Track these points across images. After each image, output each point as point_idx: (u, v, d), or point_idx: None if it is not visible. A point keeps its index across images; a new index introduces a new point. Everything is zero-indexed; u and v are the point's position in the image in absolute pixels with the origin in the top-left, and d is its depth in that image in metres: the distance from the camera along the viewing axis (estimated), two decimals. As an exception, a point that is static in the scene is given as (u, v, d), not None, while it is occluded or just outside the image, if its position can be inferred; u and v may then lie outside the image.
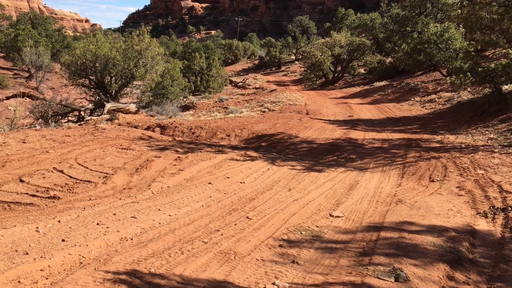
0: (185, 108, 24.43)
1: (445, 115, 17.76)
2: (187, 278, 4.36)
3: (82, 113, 19.44)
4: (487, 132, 13.25)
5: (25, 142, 10.08)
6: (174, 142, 11.93)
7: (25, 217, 5.70)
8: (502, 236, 5.79)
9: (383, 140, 13.20)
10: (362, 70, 39.54)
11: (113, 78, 20.37)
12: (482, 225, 6.19)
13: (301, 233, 5.81)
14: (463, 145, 11.63)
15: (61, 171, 7.95)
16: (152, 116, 18.93)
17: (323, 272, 4.63)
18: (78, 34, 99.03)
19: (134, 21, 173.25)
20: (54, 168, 8.11)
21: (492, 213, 6.57)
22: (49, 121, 17.70)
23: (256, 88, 35.75)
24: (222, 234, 5.57)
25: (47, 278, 4.18)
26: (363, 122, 17.51)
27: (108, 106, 18.58)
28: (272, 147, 12.35)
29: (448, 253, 5.09)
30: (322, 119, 17.73)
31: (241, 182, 8.21)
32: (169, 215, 6.12)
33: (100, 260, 4.61)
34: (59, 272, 4.31)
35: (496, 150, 10.61)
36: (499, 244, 5.52)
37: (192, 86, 29.83)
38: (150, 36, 21.24)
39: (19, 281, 4.07)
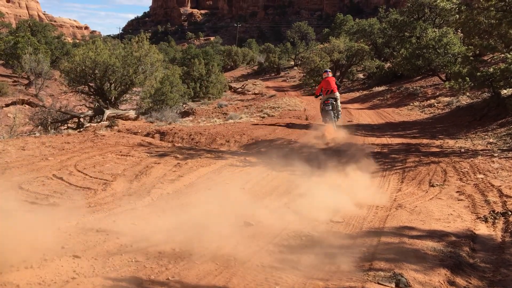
0: (185, 114, 24.45)
1: (444, 119, 17.80)
2: (187, 285, 4.35)
3: (81, 120, 19.43)
4: (486, 136, 13.25)
5: (24, 149, 10.08)
6: (174, 148, 11.93)
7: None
8: (502, 240, 5.78)
9: (383, 145, 13.20)
10: (361, 75, 39.62)
11: (113, 84, 20.38)
12: (482, 229, 6.18)
13: (301, 238, 5.80)
14: (462, 150, 11.63)
15: (61, 178, 7.94)
16: (152, 122, 18.93)
17: (324, 277, 4.62)
18: (78, 41, 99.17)
19: (133, 27, 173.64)
20: (53, 175, 8.10)
21: (492, 217, 6.57)
22: (49, 128, 17.68)
23: (255, 94, 35.80)
24: (222, 240, 5.56)
25: (47, 286, 4.16)
26: (362, 127, 17.51)
27: (108, 112, 18.58)
28: (272, 152, 12.34)
29: (449, 258, 5.08)
30: (321, 124, 17.74)
31: (240, 188, 8.20)
32: (169, 222, 6.10)
33: (99, 268, 4.59)
34: (56, 282, 4.29)
35: (496, 155, 10.62)
36: (499, 249, 5.52)
37: (191, 92, 29.87)
38: (150, 43, 21.27)
39: (18, 289, 4.06)
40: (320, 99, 15.09)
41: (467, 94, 19.94)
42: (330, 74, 15.14)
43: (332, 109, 14.45)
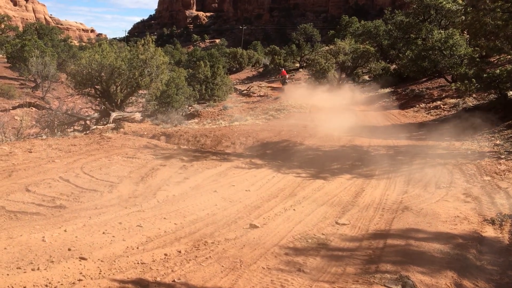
0: (190, 116, 24.49)
1: (451, 121, 17.69)
2: (193, 287, 4.36)
3: (88, 122, 19.50)
4: (493, 138, 13.18)
5: (31, 152, 10.14)
6: (180, 151, 11.96)
7: (32, 226, 5.72)
8: (510, 243, 5.75)
9: (389, 147, 13.17)
10: (366, 77, 39.52)
11: (119, 87, 20.42)
12: (489, 232, 6.14)
13: (307, 241, 5.79)
14: (469, 152, 11.57)
15: (67, 180, 7.98)
16: (157, 124, 18.99)
17: (330, 280, 4.61)
18: (84, 44, 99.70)
19: (139, 30, 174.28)
20: (60, 177, 8.14)
21: (499, 220, 6.53)
22: (55, 131, 17.76)
23: (260, 96, 35.77)
24: (228, 243, 5.57)
25: (53, 288, 4.19)
26: (368, 129, 17.47)
27: (114, 115, 18.65)
28: (277, 154, 12.37)
29: (456, 260, 5.06)
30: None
31: (246, 190, 8.21)
32: (175, 224, 6.13)
33: (105, 269, 4.61)
34: (62, 284, 4.31)
35: (503, 156, 10.56)
36: (507, 251, 5.48)
37: (197, 94, 29.87)
38: (155, 45, 21.31)
39: (25, 291, 4.08)
40: (280, 77, 37.08)
41: (473, 95, 19.83)
42: (284, 69, 38.98)
43: (285, 80, 36.00)
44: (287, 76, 37.36)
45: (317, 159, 11.75)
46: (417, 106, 23.07)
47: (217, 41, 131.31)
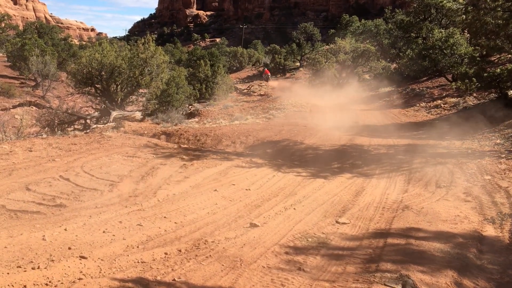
0: (191, 115, 24.46)
1: (451, 120, 17.69)
2: (193, 286, 4.36)
3: (88, 121, 19.50)
4: (493, 137, 13.17)
5: (31, 151, 10.13)
6: (180, 150, 11.96)
7: (32, 225, 5.73)
8: (510, 242, 5.75)
9: (389, 146, 13.16)
10: (367, 76, 39.51)
11: (119, 86, 20.43)
12: (489, 231, 6.14)
13: (307, 240, 5.79)
14: (469, 151, 11.57)
15: (67, 179, 7.97)
16: (158, 123, 18.98)
17: (330, 279, 4.61)
18: (84, 42, 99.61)
19: (139, 29, 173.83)
20: (60, 176, 8.14)
21: (499, 219, 6.53)
22: (56, 130, 17.77)
23: (261, 95, 35.80)
24: (228, 242, 5.57)
25: (54, 286, 4.18)
26: (368, 128, 17.46)
27: (114, 114, 18.64)
28: (278, 153, 12.36)
29: (456, 260, 5.06)
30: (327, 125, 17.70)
31: (246, 189, 8.21)
32: (175, 223, 6.13)
33: (106, 268, 4.61)
34: (63, 283, 4.31)
35: (503, 156, 10.55)
36: (507, 250, 5.48)
37: (197, 93, 29.86)
38: (155, 44, 21.33)
39: (25, 290, 4.08)
40: (264, 75, 47.32)
41: (474, 95, 19.83)
42: (266, 69, 50.48)
43: (268, 77, 45.63)
44: (269, 75, 47.20)
45: (318, 158, 11.74)
46: (418, 105, 23.06)
47: (218, 40, 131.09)
